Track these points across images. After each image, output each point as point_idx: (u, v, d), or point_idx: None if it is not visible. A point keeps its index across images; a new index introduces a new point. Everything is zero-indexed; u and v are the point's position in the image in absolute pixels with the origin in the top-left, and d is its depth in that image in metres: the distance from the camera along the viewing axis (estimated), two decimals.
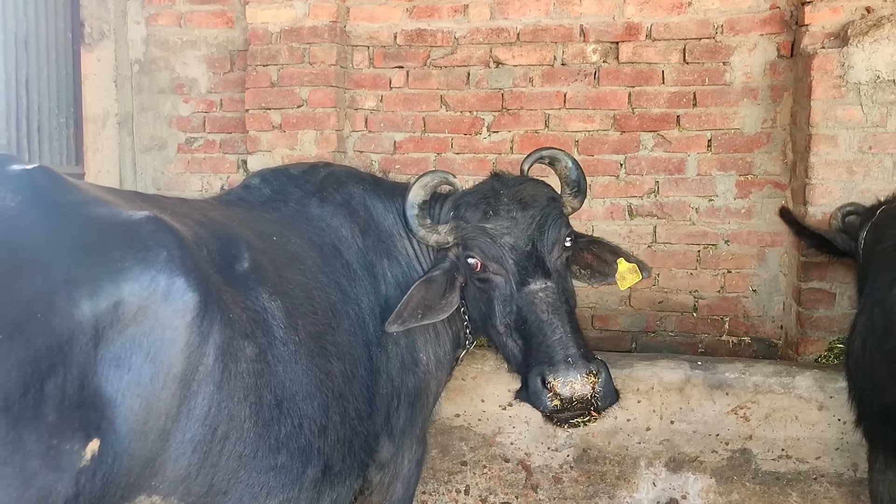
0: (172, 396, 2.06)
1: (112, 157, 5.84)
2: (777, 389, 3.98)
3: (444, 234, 3.21)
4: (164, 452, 2.07)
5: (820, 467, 3.99)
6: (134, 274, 2.01)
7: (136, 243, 2.07)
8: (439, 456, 4.36)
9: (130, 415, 1.98)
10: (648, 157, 5.41)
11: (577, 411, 2.81)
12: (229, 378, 2.20)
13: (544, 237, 3.12)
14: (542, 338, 2.88)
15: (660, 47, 5.32)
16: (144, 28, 5.96)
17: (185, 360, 2.09)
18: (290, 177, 3.35)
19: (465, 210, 3.20)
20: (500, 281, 3.09)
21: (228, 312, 2.24)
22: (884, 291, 3.29)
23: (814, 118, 4.62)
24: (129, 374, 1.98)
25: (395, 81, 5.70)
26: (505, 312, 3.06)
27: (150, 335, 2.02)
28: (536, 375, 2.83)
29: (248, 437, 2.26)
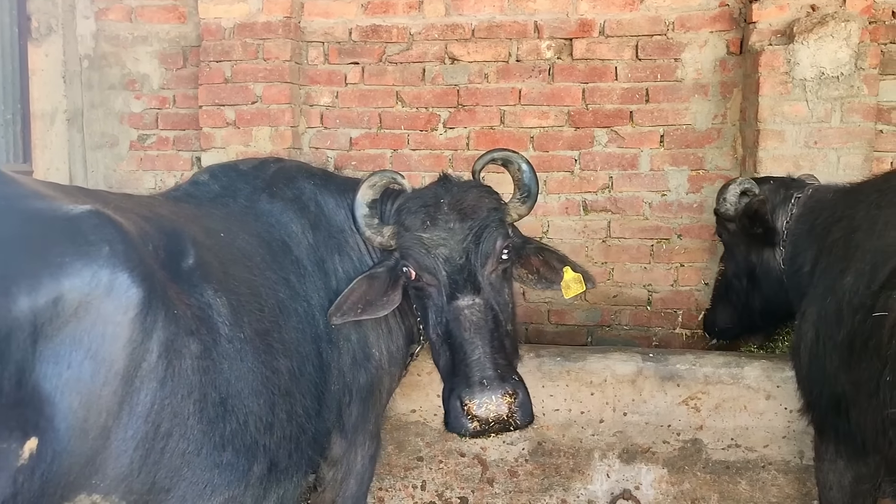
0: (114, 393, 2.03)
1: (61, 154, 5.73)
2: (726, 380, 4.05)
3: (387, 238, 3.21)
4: (105, 450, 2.04)
5: (768, 455, 4.07)
6: (75, 269, 1.98)
7: (77, 238, 2.03)
8: (395, 452, 4.36)
9: (70, 412, 1.95)
10: (602, 152, 5.47)
11: (496, 431, 2.84)
12: (173, 375, 2.18)
13: (479, 250, 3.07)
14: (462, 356, 2.88)
15: (613, 44, 5.38)
16: (94, 23, 5.86)
17: (128, 357, 2.06)
18: (240, 173, 3.32)
19: (406, 217, 3.18)
20: (433, 292, 3.08)
21: (173, 308, 2.22)
22: (836, 281, 3.35)
23: (762, 114, 4.72)
24: (69, 370, 1.95)
25: (350, 77, 5.68)
26: (436, 323, 3.05)
27: (91, 331, 1.99)
28: (455, 399, 2.84)
29: (192, 435, 2.24)
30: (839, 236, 3.48)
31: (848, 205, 3.54)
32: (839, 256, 3.41)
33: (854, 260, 3.28)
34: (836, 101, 4.60)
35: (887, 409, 2.79)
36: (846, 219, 3.49)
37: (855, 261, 3.28)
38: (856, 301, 3.18)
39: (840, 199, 3.65)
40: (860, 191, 3.56)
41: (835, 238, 3.51)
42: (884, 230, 3.24)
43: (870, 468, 3.39)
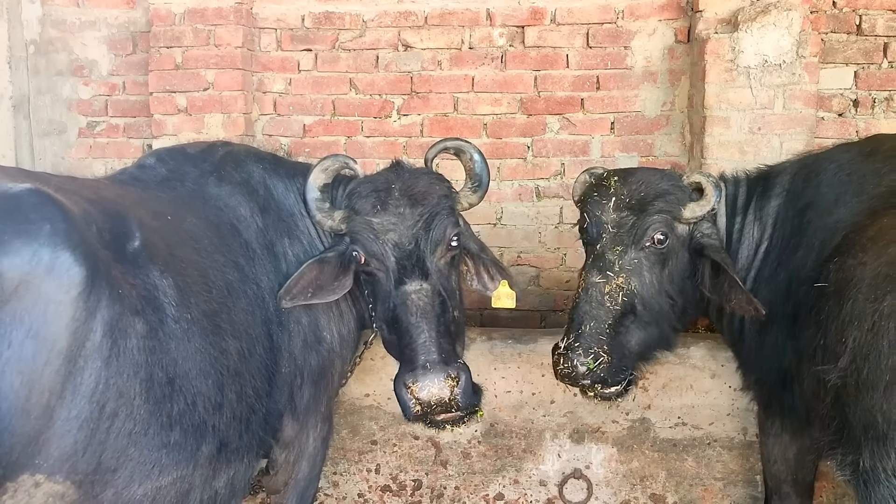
0: (56, 373, 2.03)
1: (7, 141, 5.61)
2: (673, 360, 4.14)
3: (337, 222, 3.23)
4: (49, 430, 2.03)
5: (713, 433, 4.18)
6: (14, 247, 1.97)
7: (16, 216, 2.02)
8: (349, 436, 4.38)
9: (11, 392, 1.94)
10: (554, 139, 5.54)
11: (439, 413, 2.92)
12: (118, 354, 2.18)
13: (429, 236, 3.13)
14: (408, 340, 2.96)
15: (564, 32, 5.44)
16: (40, 7, 5.74)
17: (71, 336, 2.05)
18: (187, 156, 3.31)
19: (357, 201, 3.21)
20: (381, 277, 3.14)
21: (118, 288, 2.21)
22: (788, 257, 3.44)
23: (708, 101, 4.82)
24: (10, 350, 1.94)
25: (303, 64, 5.66)
26: (384, 309, 3.11)
27: (31, 310, 1.98)
28: (400, 383, 2.93)
29: (138, 414, 2.24)
30: (787, 215, 3.56)
31: (788, 183, 3.63)
32: (789, 234, 3.50)
33: (805, 236, 3.40)
34: (779, 89, 4.72)
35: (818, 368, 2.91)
36: (791, 198, 3.57)
37: (806, 237, 3.39)
38: (803, 274, 3.30)
39: (769, 179, 3.67)
40: (794, 172, 3.63)
41: (779, 218, 3.59)
42: (832, 207, 3.35)
43: (812, 440, 3.51)
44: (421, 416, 2.93)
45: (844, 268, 2.95)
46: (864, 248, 2.93)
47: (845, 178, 3.41)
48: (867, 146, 3.53)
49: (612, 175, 3.63)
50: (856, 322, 2.77)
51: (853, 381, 2.75)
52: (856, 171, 3.40)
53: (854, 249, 2.98)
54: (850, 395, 2.78)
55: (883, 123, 5.12)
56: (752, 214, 3.65)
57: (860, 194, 3.30)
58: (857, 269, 2.87)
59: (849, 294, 2.85)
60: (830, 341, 2.90)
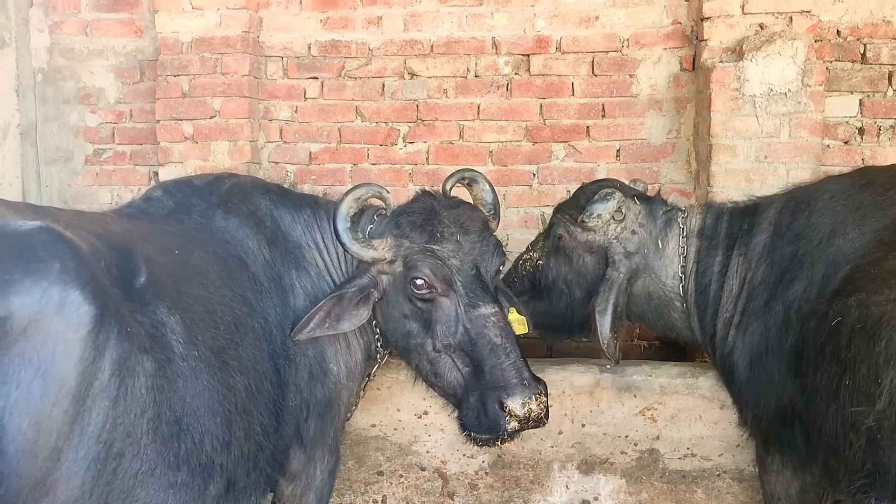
0: (65, 413, 2.01)
1: (14, 169, 5.63)
2: (682, 390, 4.11)
3: (382, 251, 3.20)
4: (56, 472, 2.01)
5: (722, 464, 4.14)
6: (24, 287, 1.96)
7: (26, 254, 2.01)
8: (355, 467, 4.34)
9: (19, 434, 1.92)
10: (560, 167, 5.54)
11: (530, 428, 3.00)
12: (126, 394, 2.16)
13: (488, 263, 3.24)
14: (495, 361, 2.99)
15: (569, 60, 5.47)
16: (48, 36, 5.79)
17: (79, 376, 2.04)
18: (194, 188, 3.31)
19: (410, 230, 3.21)
20: (445, 302, 3.13)
21: (126, 326, 2.20)
22: (779, 291, 3.42)
23: (714, 129, 4.83)
24: (18, 391, 1.92)
25: (309, 92, 5.69)
26: (448, 333, 3.11)
27: (41, 350, 1.97)
28: (494, 402, 2.94)
29: (145, 454, 2.22)
30: (774, 246, 3.53)
31: (775, 217, 3.61)
32: (781, 267, 3.46)
33: (803, 269, 3.36)
34: (785, 117, 4.73)
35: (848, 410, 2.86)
36: (781, 230, 3.56)
37: (804, 269, 3.35)
38: (806, 309, 3.25)
39: (756, 214, 3.68)
40: (780, 206, 3.61)
41: (766, 250, 3.56)
42: (830, 238, 3.33)
43: (815, 476, 3.47)
44: (515, 432, 2.97)
45: (870, 304, 2.86)
46: (888, 284, 2.86)
47: (840, 208, 3.37)
48: (861, 178, 3.48)
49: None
50: (892, 362, 2.69)
51: (892, 425, 2.68)
52: (852, 202, 3.36)
53: (876, 284, 2.90)
54: (887, 439, 2.71)
55: (889, 151, 5.13)
56: (736, 249, 3.65)
57: (862, 225, 3.25)
58: (888, 307, 2.78)
59: (881, 333, 2.75)
60: (862, 382, 2.80)
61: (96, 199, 5.88)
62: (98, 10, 5.75)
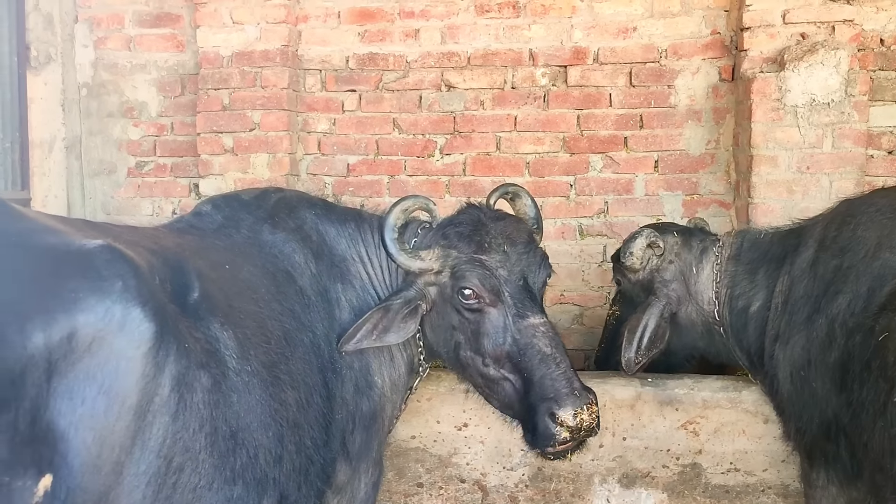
0: (127, 428, 2.04)
1: (59, 182, 5.75)
2: (725, 404, 4.08)
3: (429, 261, 3.21)
4: (118, 486, 2.05)
5: (767, 479, 4.09)
6: (88, 304, 1.99)
7: (90, 273, 2.05)
8: (395, 478, 4.35)
9: (83, 449, 1.96)
10: (597, 177, 5.53)
11: (582, 439, 3.01)
12: (185, 409, 2.19)
13: (536, 275, 3.26)
14: (545, 371, 3.00)
15: (607, 71, 5.46)
16: (93, 51, 5.90)
17: (141, 392, 2.07)
18: (242, 203, 3.35)
19: (458, 240, 3.23)
20: (493, 313, 3.13)
21: (184, 342, 2.23)
22: (826, 304, 3.39)
23: (754, 139, 4.79)
24: (83, 406, 1.96)
25: (347, 104, 5.74)
26: (497, 343, 3.11)
27: (104, 367, 2.00)
28: (544, 412, 2.95)
29: (203, 469, 2.25)
30: (818, 260, 3.52)
31: (820, 232, 3.59)
32: (826, 280, 3.44)
33: (847, 282, 3.32)
34: (828, 127, 4.68)
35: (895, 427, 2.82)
36: (825, 244, 3.54)
37: (848, 283, 3.32)
38: (851, 323, 3.22)
39: (802, 233, 3.70)
40: (826, 222, 3.60)
41: (810, 264, 3.55)
42: (876, 251, 3.29)
43: (861, 492, 3.42)
44: (566, 443, 2.97)
45: None
46: None
47: (886, 221, 3.33)
48: None
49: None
50: None
51: None
52: None
53: None
54: None
55: None
56: (783, 269, 3.67)
57: None
58: None
59: None
60: None
61: (138, 210, 5.97)
62: (141, 25, 5.85)
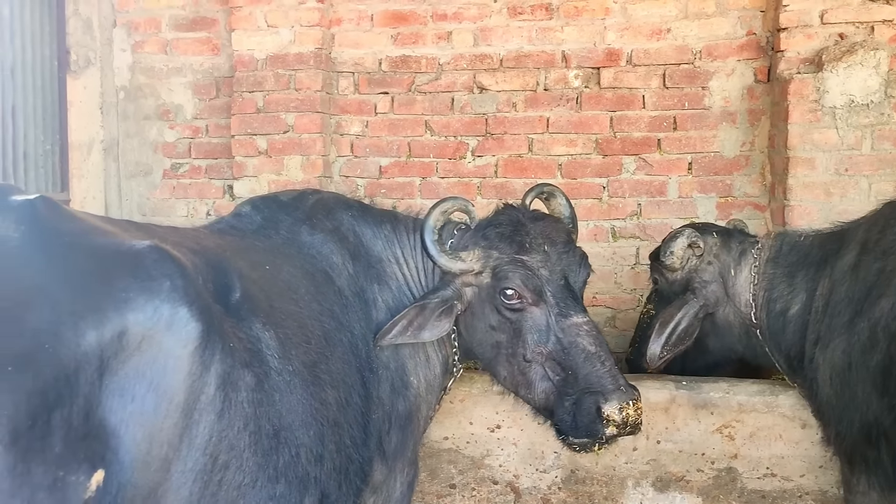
0: (175, 426, 2.07)
1: (97, 183, 5.85)
2: (761, 408, 4.04)
3: (470, 262, 3.22)
4: (166, 482, 2.08)
5: (804, 485, 4.05)
6: (138, 304, 2.03)
7: (139, 273, 2.08)
8: (428, 479, 4.37)
9: (133, 445, 1.99)
10: (630, 179, 5.51)
11: (627, 435, 3.02)
12: (230, 407, 2.22)
13: (576, 274, 3.28)
14: (591, 368, 3.03)
15: (640, 73, 5.44)
16: (130, 55, 6.00)
17: (188, 390, 2.10)
18: (281, 204, 3.38)
19: (499, 241, 3.24)
20: (535, 312, 3.15)
21: (229, 342, 2.26)
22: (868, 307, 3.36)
23: (791, 141, 4.75)
24: (133, 403, 1.99)
25: (380, 107, 5.77)
26: (539, 342, 3.13)
27: (153, 365, 2.03)
28: (590, 408, 2.98)
29: (247, 467, 2.27)
30: (859, 263, 3.49)
31: (863, 235, 3.56)
32: (867, 284, 3.41)
33: (890, 285, 3.29)
34: (867, 129, 4.63)
35: None
36: (868, 247, 3.50)
37: (891, 286, 3.29)
38: (894, 327, 3.19)
39: (845, 236, 3.68)
40: (868, 224, 3.57)
41: (851, 267, 3.52)
42: None
43: None
44: (612, 438, 3.00)
45: None
46: None
47: None
48: None
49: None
50: None
51: None
52: None
53: None
54: None
55: None
56: (824, 272, 3.64)
57: None
58: None
59: None
60: None
61: (173, 211, 6.05)
62: (177, 29, 5.94)
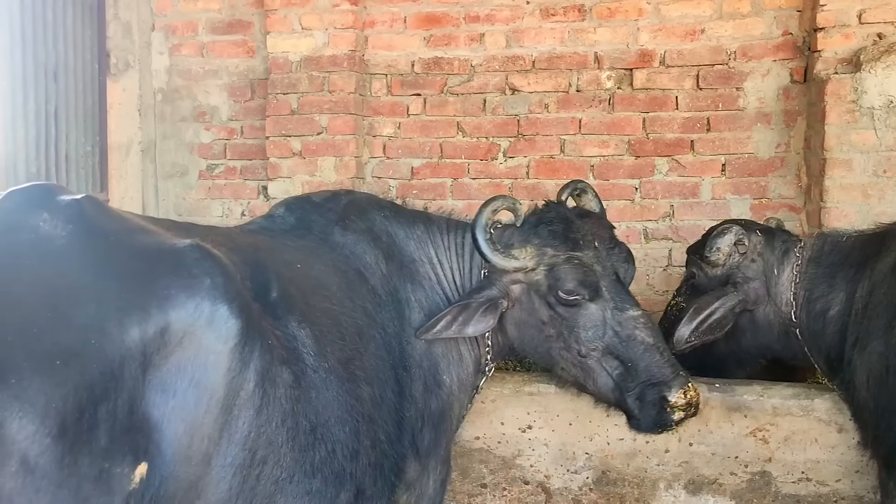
0: (215, 421, 2.12)
1: (135, 183, 5.96)
2: (796, 412, 4.00)
3: (524, 260, 3.24)
4: (207, 476, 2.12)
5: (840, 490, 4.00)
6: (180, 301, 2.08)
7: (181, 271, 2.14)
8: (459, 478, 4.39)
9: (175, 439, 2.04)
10: (663, 181, 5.49)
11: (689, 418, 3.23)
12: (268, 403, 2.26)
13: (625, 270, 3.38)
14: (651, 360, 3.15)
15: (673, 74, 5.42)
16: (168, 58, 6.10)
17: (227, 385, 2.15)
18: (314, 205, 3.42)
19: (553, 238, 3.27)
20: (592, 307, 3.21)
21: (267, 339, 2.31)
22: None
23: (828, 142, 4.70)
24: (175, 399, 2.04)
25: (412, 109, 5.81)
26: (596, 337, 3.21)
27: (194, 361, 2.08)
28: (656, 397, 3.13)
29: (284, 462, 2.32)
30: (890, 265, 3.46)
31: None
32: None
33: None
34: None
35: None
36: None
37: None
38: None
39: (887, 236, 3.65)
40: None
41: (891, 269, 3.48)
42: None
43: None
44: (681, 422, 3.17)
45: None
46: None
47: None
48: None
49: None
50: None
51: None
52: None
53: None
54: None
55: None
56: (864, 273, 3.60)
57: None
58: None
59: None
60: None
61: (208, 212, 6.14)
62: (214, 32, 6.03)
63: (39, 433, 1.74)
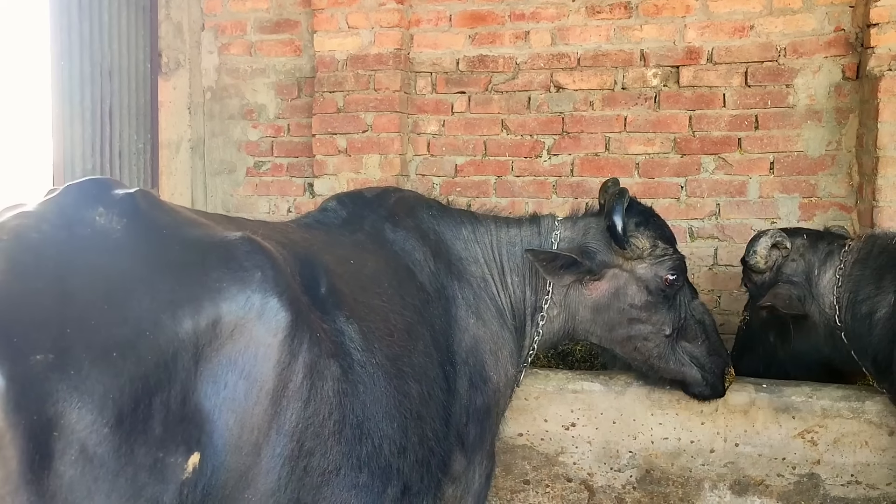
0: (264, 412, 2.16)
1: (185, 180, 6.08)
2: (846, 414, 3.93)
3: (641, 249, 3.58)
4: (256, 466, 2.16)
5: (891, 494, 3.92)
6: (231, 293, 2.11)
7: (232, 263, 2.17)
8: (502, 474, 4.40)
9: (226, 430, 2.08)
10: (709, 179, 5.42)
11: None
12: (316, 396, 2.30)
13: None
14: (714, 339, 3.80)
15: (721, 71, 5.35)
16: (217, 57, 6.21)
17: (277, 378, 2.18)
18: (365, 201, 3.47)
19: (660, 231, 3.68)
20: (681, 295, 3.68)
21: (316, 332, 2.34)
22: None
23: (881, 140, 4.60)
24: (226, 390, 2.08)
25: (457, 106, 5.83)
26: (678, 319, 3.68)
27: (244, 353, 2.12)
28: (720, 369, 3.82)
29: (331, 455, 2.35)
30: None
31: None
32: None
33: None
34: None
35: None
36: None
37: None
38: None
39: None
40: None
41: None
42: None
43: None
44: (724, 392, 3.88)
45: None
46: None
47: None
48: None
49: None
50: None
51: None
52: None
53: None
54: None
55: None
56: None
57: None
58: None
59: None
60: None
61: (255, 208, 6.24)
62: (262, 31, 6.12)
63: (98, 423, 1.79)
